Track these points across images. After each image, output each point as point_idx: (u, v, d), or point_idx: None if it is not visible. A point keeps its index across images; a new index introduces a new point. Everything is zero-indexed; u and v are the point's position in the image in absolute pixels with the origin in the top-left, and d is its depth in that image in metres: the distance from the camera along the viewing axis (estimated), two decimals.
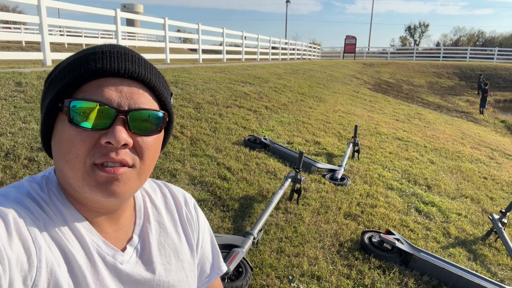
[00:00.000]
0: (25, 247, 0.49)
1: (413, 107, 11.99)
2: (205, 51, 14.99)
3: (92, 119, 0.53)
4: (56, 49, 16.88)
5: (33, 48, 17.98)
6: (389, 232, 2.87)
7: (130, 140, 0.55)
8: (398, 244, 2.68)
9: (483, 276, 2.55)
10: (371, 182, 4.17)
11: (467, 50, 31.69)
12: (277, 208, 3.18)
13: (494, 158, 6.46)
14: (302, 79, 11.33)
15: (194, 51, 14.60)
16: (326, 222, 3.09)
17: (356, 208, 3.43)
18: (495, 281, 2.55)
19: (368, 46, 45.46)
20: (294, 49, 25.06)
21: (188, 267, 0.72)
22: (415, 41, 64.88)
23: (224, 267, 0.82)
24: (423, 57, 33.22)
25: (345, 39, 31.96)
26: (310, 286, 2.30)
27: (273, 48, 20.98)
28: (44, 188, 0.59)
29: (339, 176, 4.05)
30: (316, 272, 2.42)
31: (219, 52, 15.38)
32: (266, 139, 4.54)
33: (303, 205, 3.33)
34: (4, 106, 3.80)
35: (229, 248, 2.32)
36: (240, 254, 2.25)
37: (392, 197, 3.88)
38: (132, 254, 0.64)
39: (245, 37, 16.62)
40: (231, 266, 2.15)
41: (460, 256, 3.03)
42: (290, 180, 3.36)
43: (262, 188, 3.49)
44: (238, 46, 16.80)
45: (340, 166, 4.26)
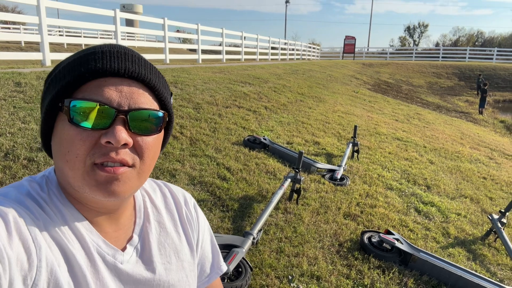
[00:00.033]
0: (25, 247, 0.49)
1: (412, 107, 12.00)
2: (204, 52, 15.00)
3: (92, 118, 0.53)
4: (55, 49, 16.87)
5: (32, 49, 17.97)
6: (388, 232, 2.87)
7: (130, 140, 0.55)
8: (398, 244, 2.69)
9: (482, 276, 2.55)
10: (371, 182, 4.18)
11: (466, 50, 31.70)
12: (276, 208, 3.19)
13: (494, 158, 6.47)
14: (301, 80, 11.34)
15: (194, 51, 14.59)
16: (325, 222, 3.10)
17: (355, 208, 3.44)
18: (494, 281, 2.56)
19: (368, 47, 45.50)
20: (293, 49, 25.08)
21: (188, 267, 0.72)
22: (414, 41, 64.94)
23: (224, 267, 0.82)
24: (422, 57, 33.23)
25: (344, 40, 32.01)
26: (310, 286, 2.30)
27: (272, 48, 20.99)
28: (44, 188, 0.59)
29: (339, 176, 4.05)
30: (316, 272, 2.42)
31: (218, 52, 15.39)
32: (265, 139, 4.54)
33: (302, 205, 3.33)
34: (3, 107, 3.80)
35: (228, 248, 2.32)
36: (240, 254, 2.25)
37: (392, 197, 3.88)
38: (132, 253, 0.64)
39: (244, 37, 16.63)
40: (231, 266, 2.15)
41: (459, 256, 3.03)
42: (289, 180, 3.36)
43: (261, 188, 3.49)
44: (238, 46, 16.81)
45: (339, 166, 4.26)
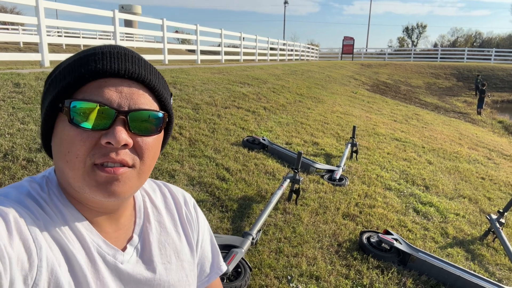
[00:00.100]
0: (25, 247, 0.49)
1: (411, 107, 12.02)
2: (203, 52, 14.99)
3: (92, 119, 0.54)
4: (54, 50, 16.85)
5: (31, 49, 17.95)
6: (387, 232, 2.88)
7: (130, 141, 0.55)
8: (396, 244, 2.69)
9: (481, 276, 2.56)
10: (369, 182, 4.18)
11: (464, 51, 31.73)
12: (275, 208, 3.19)
13: (492, 159, 6.49)
14: (300, 80, 11.35)
15: (192, 52, 14.59)
16: (324, 222, 3.10)
17: (354, 209, 3.44)
18: (493, 280, 2.56)
19: (366, 47, 45.57)
20: (292, 50, 25.11)
21: (188, 267, 0.72)
22: (412, 42, 65.07)
23: (224, 267, 0.82)
24: (420, 58, 33.29)
25: (343, 40, 32.05)
26: (309, 286, 2.30)
27: (271, 49, 21.02)
28: (44, 188, 0.59)
29: (338, 177, 4.06)
30: (315, 272, 2.42)
31: (217, 53, 15.39)
32: (264, 140, 4.54)
33: (301, 205, 3.33)
34: (2, 107, 3.79)
35: (228, 248, 2.32)
36: (239, 254, 2.25)
37: (390, 197, 3.89)
38: (133, 253, 0.64)
39: (243, 38, 16.64)
40: (230, 267, 2.16)
41: (458, 256, 3.03)
42: (288, 180, 3.36)
43: (260, 189, 3.49)
44: (237, 47, 16.82)
45: (338, 167, 4.27)
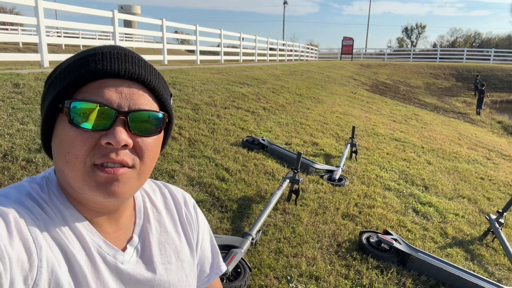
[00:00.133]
0: (25, 247, 0.50)
1: (410, 108, 12.03)
2: (202, 52, 14.99)
3: (92, 120, 0.54)
4: (53, 50, 16.84)
5: (30, 50, 17.92)
6: (386, 233, 2.88)
7: (130, 141, 0.55)
8: (396, 244, 2.69)
9: (480, 276, 2.56)
10: (369, 182, 4.19)
11: (463, 51, 31.77)
12: (275, 208, 3.19)
13: (491, 159, 6.49)
14: (299, 80, 11.35)
15: (192, 52, 14.58)
16: (324, 222, 3.10)
17: (354, 209, 3.44)
18: (492, 281, 2.57)
19: (366, 48, 45.65)
20: (291, 50, 25.14)
21: (188, 267, 0.72)
22: (412, 42, 65.14)
23: (224, 267, 0.82)
24: (420, 58, 33.32)
25: (342, 41, 32.07)
26: (309, 286, 2.30)
27: (270, 49, 21.04)
28: (44, 189, 0.59)
29: (337, 177, 4.06)
30: (315, 273, 2.42)
31: (216, 53, 15.39)
32: (264, 140, 4.54)
33: (301, 205, 3.34)
34: (1, 108, 3.79)
35: (227, 248, 2.32)
36: (239, 254, 2.25)
37: (390, 197, 3.89)
38: (133, 254, 0.64)
39: (242, 38, 16.65)
40: (230, 267, 2.16)
41: (457, 256, 3.04)
42: (288, 181, 3.36)
43: (260, 189, 3.49)
44: (236, 47, 16.82)
45: (337, 167, 4.27)
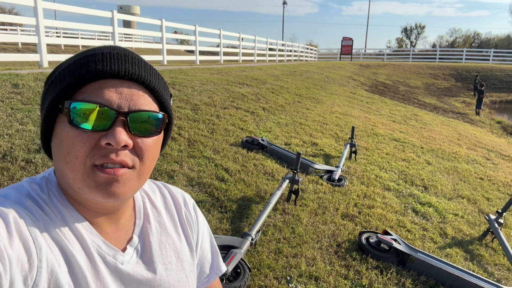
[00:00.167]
0: (25, 247, 0.49)
1: (409, 108, 12.04)
2: (202, 53, 14.99)
3: (92, 120, 0.54)
4: (52, 50, 16.82)
5: (29, 50, 17.91)
6: (386, 233, 2.88)
7: (130, 142, 0.55)
8: (395, 245, 2.69)
9: (480, 276, 2.56)
10: (368, 183, 4.19)
11: (463, 51, 31.80)
12: (275, 209, 3.19)
13: (490, 159, 6.50)
14: (299, 81, 11.36)
15: (191, 52, 14.59)
16: (323, 222, 3.10)
17: (353, 209, 3.44)
18: (492, 281, 2.57)
19: (365, 48, 45.69)
20: (291, 50, 25.15)
21: (188, 267, 0.72)
22: (411, 42, 65.22)
23: (224, 268, 0.82)
24: (419, 58, 33.36)
25: (341, 41, 32.08)
26: (308, 286, 2.30)
27: (270, 49, 21.05)
28: (44, 189, 0.59)
29: (337, 177, 4.06)
30: (314, 273, 2.42)
31: (216, 53, 15.40)
32: (263, 140, 4.54)
33: (300, 206, 3.34)
34: (1, 108, 3.79)
35: (227, 249, 2.32)
36: (238, 255, 2.25)
37: (389, 197, 3.90)
38: (133, 254, 0.64)
39: (242, 38, 16.65)
40: (229, 267, 2.16)
41: (457, 256, 3.04)
42: (287, 181, 3.36)
43: (260, 189, 3.49)
44: (235, 47, 16.83)
45: (337, 167, 4.27)
